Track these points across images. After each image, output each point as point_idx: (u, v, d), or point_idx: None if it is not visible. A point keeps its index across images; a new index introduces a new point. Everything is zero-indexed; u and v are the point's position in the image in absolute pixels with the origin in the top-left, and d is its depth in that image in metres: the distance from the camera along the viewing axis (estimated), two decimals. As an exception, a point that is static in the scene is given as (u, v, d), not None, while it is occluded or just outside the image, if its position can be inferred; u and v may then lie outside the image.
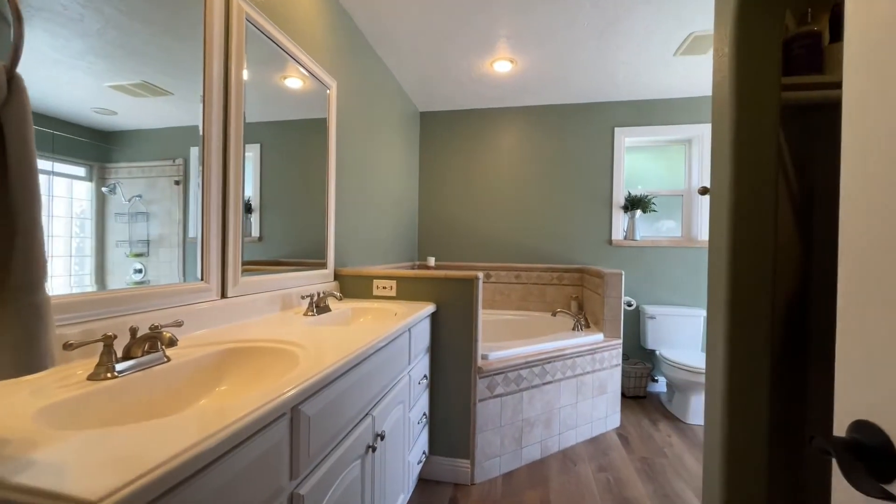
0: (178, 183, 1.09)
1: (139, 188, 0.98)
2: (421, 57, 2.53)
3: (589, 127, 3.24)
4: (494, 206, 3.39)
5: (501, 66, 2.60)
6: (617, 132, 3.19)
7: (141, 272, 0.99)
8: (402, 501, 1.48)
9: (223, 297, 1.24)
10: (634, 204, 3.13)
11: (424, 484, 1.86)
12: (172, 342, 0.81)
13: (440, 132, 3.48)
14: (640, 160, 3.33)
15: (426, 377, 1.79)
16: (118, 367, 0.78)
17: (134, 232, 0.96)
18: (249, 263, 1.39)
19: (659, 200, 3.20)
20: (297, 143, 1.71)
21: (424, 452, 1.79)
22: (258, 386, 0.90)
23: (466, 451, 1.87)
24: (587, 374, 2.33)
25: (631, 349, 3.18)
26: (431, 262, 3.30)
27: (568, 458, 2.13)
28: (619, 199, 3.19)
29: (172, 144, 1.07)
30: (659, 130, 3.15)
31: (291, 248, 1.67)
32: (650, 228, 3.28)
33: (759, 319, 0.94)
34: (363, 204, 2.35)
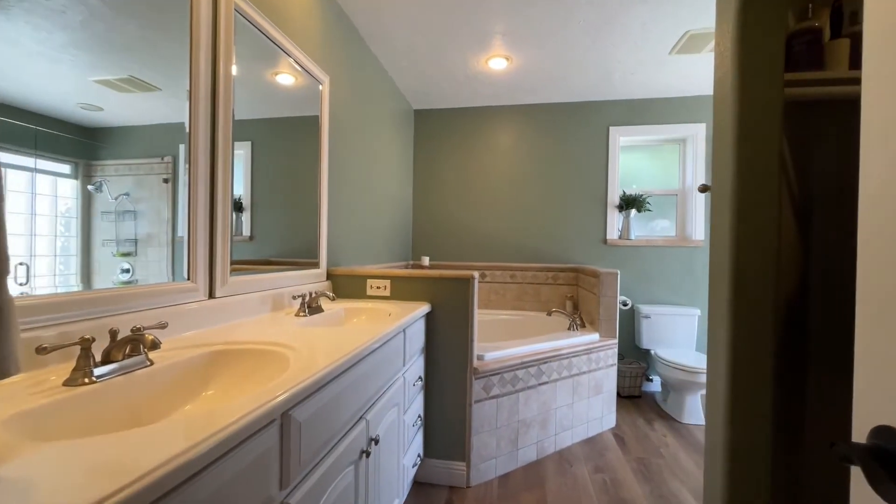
0: (166, 181, 1.06)
1: (126, 186, 0.95)
2: (415, 53, 2.50)
3: (584, 126, 3.23)
4: (489, 205, 3.37)
5: (497, 63, 2.57)
6: (612, 131, 3.19)
7: (128, 272, 0.96)
8: (396, 506, 1.44)
9: (211, 297, 1.19)
10: (629, 203, 3.13)
11: (419, 487, 1.82)
12: (155, 345, 0.77)
13: (435, 130, 3.44)
14: (634, 159, 3.32)
15: (421, 379, 1.75)
16: (97, 371, 0.73)
17: (121, 231, 0.94)
18: (240, 263, 1.35)
19: (653, 200, 3.20)
20: (289, 140, 1.67)
21: (419, 455, 1.76)
22: (247, 390, 0.86)
23: (462, 453, 1.84)
24: (583, 374, 2.32)
25: (626, 348, 3.17)
26: (426, 261, 3.27)
27: (564, 459, 2.11)
28: (614, 198, 3.19)
29: (161, 141, 1.05)
30: (653, 130, 3.15)
31: (283, 247, 1.64)
32: (645, 228, 3.28)
33: (762, 318, 0.92)
34: (356, 202, 2.31)
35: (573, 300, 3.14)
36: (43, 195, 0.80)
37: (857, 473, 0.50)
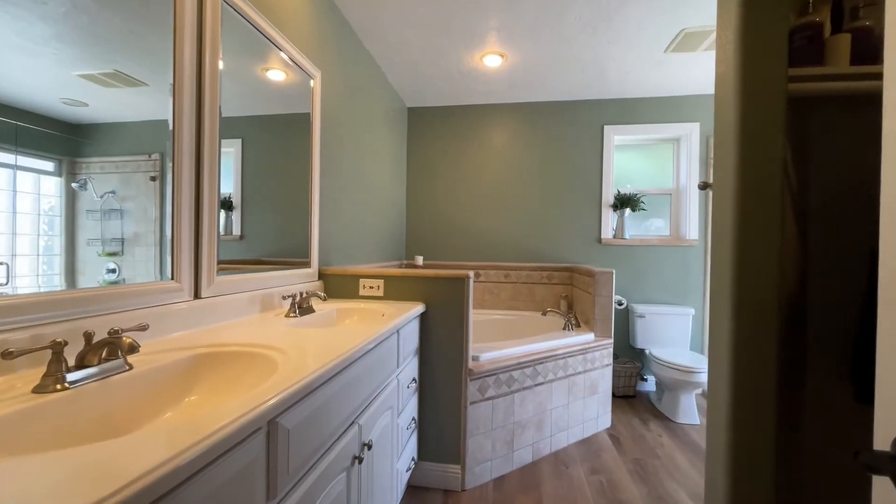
0: (154, 179, 1.03)
1: (112, 184, 0.92)
2: (409, 49, 2.46)
3: (578, 124, 3.22)
4: (483, 204, 3.34)
5: (491, 60, 2.54)
6: (606, 130, 3.17)
7: (115, 272, 0.93)
8: (390, 512, 1.41)
9: (197, 297, 1.15)
10: (624, 202, 3.12)
11: (413, 491, 1.79)
12: (133, 348, 0.73)
13: (428, 128, 3.41)
14: (628, 159, 3.32)
15: (415, 380, 1.72)
16: (70, 377, 0.69)
17: (107, 230, 0.91)
18: (230, 263, 1.32)
19: (647, 199, 3.19)
20: (281, 138, 1.63)
21: (413, 459, 1.72)
22: (231, 396, 0.82)
23: (457, 456, 1.80)
24: (578, 374, 2.30)
25: (620, 348, 3.16)
26: (419, 260, 3.23)
27: (560, 460, 2.09)
28: (608, 197, 3.17)
29: (148, 138, 1.01)
30: (648, 129, 3.14)
31: (274, 246, 1.59)
32: (639, 227, 3.28)
33: (765, 318, 0.90)
34: (349, 201, 2.26)
35: (568, 300, 3.12)
36: (25, 193, 0.77)
37: (880, 482, 0.47)
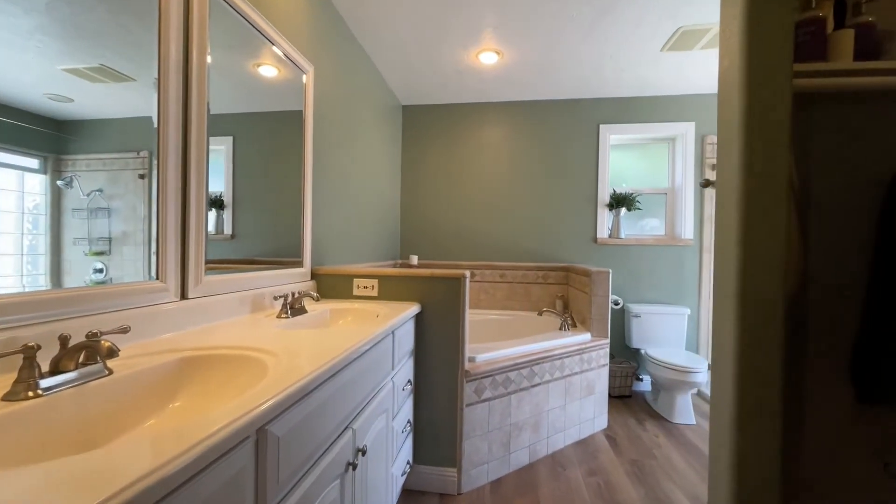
0: (142, 177, 1.00)
1: (99, 182, 0.89)
2: (404, 45, 2.42)
3: (574, 123, 3.20)
4: (479, 203, 3.31)
5: (487, 57, 2.51)
6: (602, 129, 3.16)
7: (102, 272, 0.90)
8: (385, 517, 1.37)
9: (183, 298, 1.10)
10: (619, 202, 3.11)
11: (408, 495, 1.75)
12: (112, 352, 0.68)
13: (423, 127, 3.37)
14: (623, 158, 3.31)
15: (410, 382, 1.68)
16: (43, 383, 0.64)
17: (94, 229, 0.88)
18: (220, 262, 1.29)
19: (642, 199, 3.18)
20: (273, 136, 1.59)
21: (409, 462, 1.68)
22: (218, 402, 0.78)
23: (453, 459, 1.77)
24: (575, 374, 2.28)
25: (616, 348, 3.15)
26: (414, 260, 3.19)
27: (557, 462, 2.06)
28: (604, 196, 3.16)
29: (136, 135, 0.98)
30: (643, 128, 3.13)
31: (266, 246, 1.55)
32: (634, 227, 3.27)
33: (771, 319, 0.88)
34: (342, 199, 2.22)
35: (563, 299, 3.11)
36: (8, 190, 0.75)
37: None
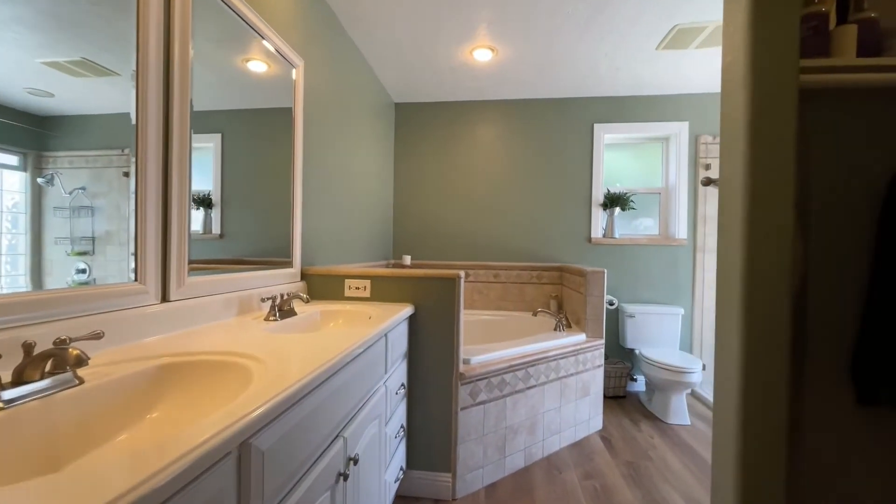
0: (127, 174, 0.96)
1: (82, 180, 0.86)
2: (397, 41, 2.37)
3: (569, 123, 3.18)
4: (472, 202, 3.28)
5: (482, 54, 2.48)
6: (597, 128, 3.14)
7: (85, 272, 0.86)
8: (377, 526, 1.32)
9: (165, 300, 1.04)
10: (613, 201, 3.09)
11: (402, 501, 1.70)
12: (81, 361, 0.63)
13: (416, 125, 3.32)
14: (617, 158, 3.30)
15: (404, 386, 1.64)
16: (5, 395, 0.59)
17: (76, 228, 0.85)
18: (208, 262, 1.25)
19: (636, 198, 3.17)
20: (263, 133, 1.55)
21: (402, 468, 1.64)
22: (199, 413, 0.73)
23: (447, 463, 1.73)
24: (571, 376, 2.25)
25: (610, 348, 3.14)
26: (407, 260, 3.14)
27: (553, 465, 2.04)
28: (598, 196, 3.15)
29: (121, 132, 0.94)
30: (637, 128, 3.12)
31: (256, 246, 1.51)
32: (627, 227, 3.26)
33: (777, 322, 0.86)
34: (333, 198, 2.17)
35: (558, 300, 3.08)
36: None
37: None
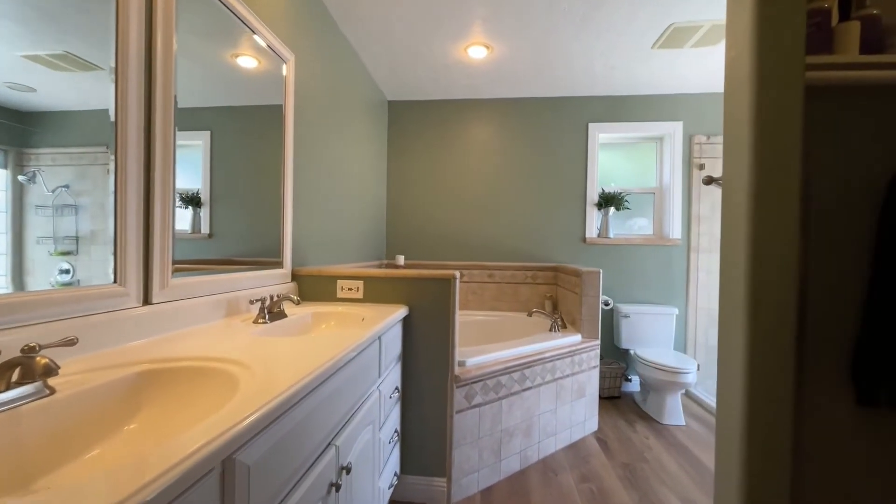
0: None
1: (66, 177, 0.83)
2: (390, 37, 2.33)
3: (563, 122, 3.16)
4: (467, 202, 3.24)
5: (476, 51, 2.44)
6: (591, 128, 3.13)
7: (69, 272, 0.83)
8: (371, 535, 1.28)
9: (147, 303, 0.99)
10: (608, 201, 3.08)
11: (396, 507, 1.67)
12: (50, 370, 0.58)
13: (410, 123, 3.28)
14: (611, 157, 3.29)
15: (398, 389, 1.60)
16: (-36, 409, 0.54)
17: (60, 227, 0.82)
18: (196, 262, 1.21)
19: (630, 198, 3.16)
20: (253, 131, 1.51)
21: (396, 474, 1.60)
22: (180, 424, 0.68)
23: (442, 468, 1.69)
24: (566, 377, 2.23)
25: (604, 348, 3.12)
26: (400, 260, 3.10)
27: (548, 467, 2.01)
28: (592, 196, 3.13)
29: (105, 128, 0.90)
30: (632, 127, 3.11)
31: (246, 245, 1.46)
32: (622, 226, 3.25)
33: (783, 325, 0.83)
34: (325, 197, 2.12)
35: (552, 300, 3.06)
36: None
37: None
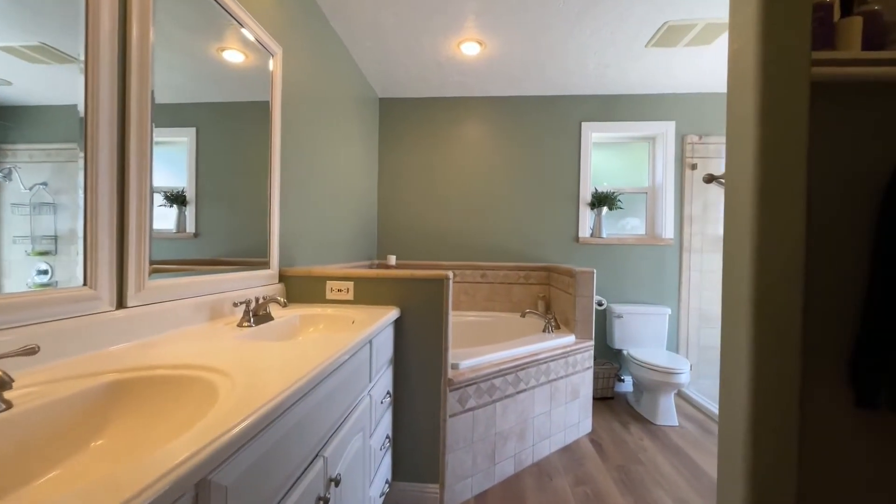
0: None
1: (44, 174, 0.80)
2: (382, 32, 2.27)
3: (556, 121, 3.14)
4: (459, 201, 3.20)
5: (469, 48, 2.40)
6: (584, 127, 3.11)
7: (47, 273, 0.79)
8: (361, 546, 1.23)
9: (121, 306, 0.93)
10: (601, 201, 3.07)
11: (387, 515, 1.62)
12: (2, 383, 0.53)
13: (402, 121, 3.23)
14: (603, 157, 3.27)
15: (389, 394, 1.55)
16: None
17: (38, 226, 0.79)
18: (180, 263, 1.16)
19: (623, 198, 3.15)
20: (241, 128, 1.45)
21: (387, 481, 1.55)
22: (152, 440, 0.63)
23: (435, 474, 1.65)
24: (560, 378, 2.20)
25: (597, 349, 3.11)
26: (392, 260, 3.05)
27: (543, 471, 1.98)
28: (585, 195, 3.11)
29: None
30: (624, 126, 3.10)
31: (233, 245, 1.41)
32: (614, 226, 3.24)
33: (789, 325, 0.81)
34: (315, 196, 2.06)
35: (545, 300, 3.04)
36: None
37: None
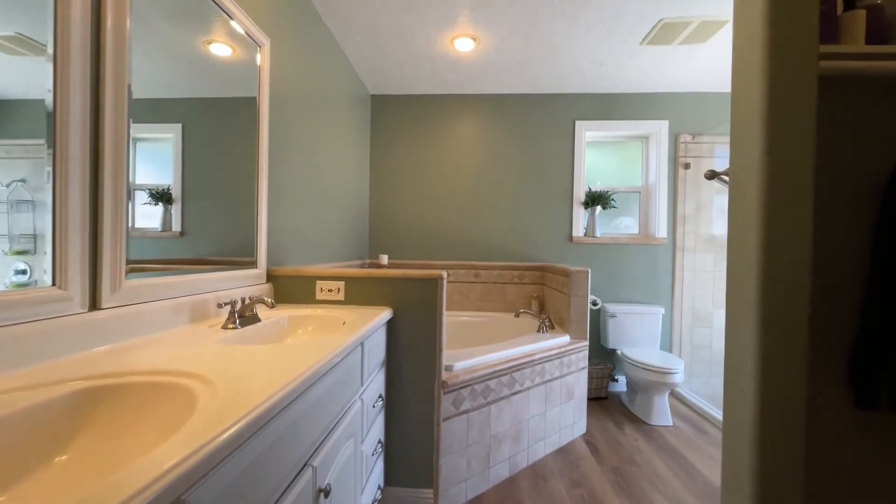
0: None
1: (22, 171, 0.77)
2: (374, 28, 2.22)
3: (550, 119, 3.11)
4: (452, 200, 3.16)
5: (463, 44, 2.36)
6: (578, 125, 3.09)
7: (25, 273, 0.76)
8: (353, 557, 1.18)
9: (94, 308, 0.87)
10: (595, 200, 3.05)
11: (379, 521, 1.57)
12: (-51, 397, 0.47)
13: (394, 118, 3.18)
14: (597, 156, 3.26)
15: (381, 397, 1.50)
16: None
17: (16, 224, 0.76)
18: (165, 262, 1.12)
19: (616, 197, 3.14)
20: (228, 124, 1.41)
21: (380, 487, 1.50)
22: (123, 451, 0.58)
23: (429, 478, 1.61)
24: (555, 379, 2.17)
25: (591, 348, 3.09)
26: (384, 260, 3.00)
27: (538, 473, 1.95)
28: (579, 194, 3.10)
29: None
30: (618, 125, 3.09)
31: (220, 244, 1.36)
32: (608, 226, 3.23)
33: (797, 325, 0.78)
34: (304, 194, 2.00)
35: (539, 300, 3.01)
36: None
37: None
